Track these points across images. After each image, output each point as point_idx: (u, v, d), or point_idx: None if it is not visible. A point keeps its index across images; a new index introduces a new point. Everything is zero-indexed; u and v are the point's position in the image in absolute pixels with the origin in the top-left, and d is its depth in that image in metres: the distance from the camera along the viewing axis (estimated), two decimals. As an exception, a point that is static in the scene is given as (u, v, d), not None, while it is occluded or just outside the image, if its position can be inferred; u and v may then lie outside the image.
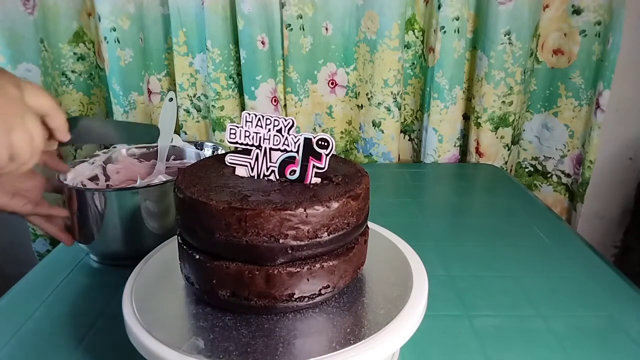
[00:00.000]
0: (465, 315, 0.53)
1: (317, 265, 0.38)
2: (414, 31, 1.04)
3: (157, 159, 0.73)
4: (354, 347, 0.35)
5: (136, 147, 0.76)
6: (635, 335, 0.50)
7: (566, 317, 0.53)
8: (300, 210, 0.36)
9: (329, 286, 0.39)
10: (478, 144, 1.05)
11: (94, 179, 0.70)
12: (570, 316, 0.53)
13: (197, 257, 0.39)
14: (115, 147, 0.75)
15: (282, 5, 0.99)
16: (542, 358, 0.47)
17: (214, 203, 0.36)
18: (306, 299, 0.38)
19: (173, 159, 0.76)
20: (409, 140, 1.15)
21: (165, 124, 0.70)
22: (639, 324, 0.52)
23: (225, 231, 0.36)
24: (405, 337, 0.37)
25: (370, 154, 1.10)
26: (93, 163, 0.71)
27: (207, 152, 0.99)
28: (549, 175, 1.10)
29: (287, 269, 0.37)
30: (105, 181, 0.71)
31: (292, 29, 1.00)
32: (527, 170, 1.13)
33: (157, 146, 0.72)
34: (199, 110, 1.11)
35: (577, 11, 0.97)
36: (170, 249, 0.49)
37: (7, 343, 0.50)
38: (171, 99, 0.70)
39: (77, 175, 0.67)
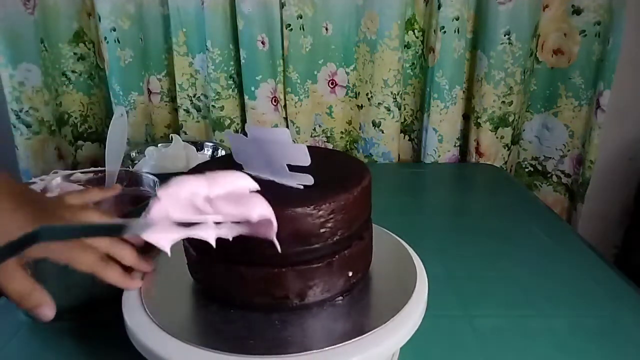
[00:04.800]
0: (465, 315, 0.53)
1: (319, 266, 0.38)
2: (414, 31, 1.04)
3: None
4: (354, 347, 0.35)
5: (81, 172, 0.64)
6: (635, 335, 0.50)
7: (566, 317, 0.53)
8: (302, 210, 0.36)
9: (330, 286, 0.39)
10: (478, 144, 1.05)
11: None
12: (570, 316, 0.53)
13: (199, 257, 0.39)
14: (56, 172, 0.64)
15: (282, 5, 0.98)
16: (542, 358, 0.47)
17: (214, 203, 0.36)
18: (307, 299, 0.38)
19: (126, 185, 0.63)
20: (409, 140, 1.15)
21: (113, 144, 0.59)
22: (639, 324, 0.52)
23: (226, 231, 0.36)
24: (405, 337, 0.37)
25: (370, 154, 1.10)
26: None
27: (207, 152, 1.00)
28: (549, 175, 1.10)
29: (289, 269, 0.37)
30: None
31: (292, 29, 1.00)
32: (527, 170, 1.12)
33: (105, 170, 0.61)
34: (198, 110, 1.11)
35: (577, 11, 0.97)
36: (173, 246, 0.49)
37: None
38: (122, 115, 0.60)
39: None
